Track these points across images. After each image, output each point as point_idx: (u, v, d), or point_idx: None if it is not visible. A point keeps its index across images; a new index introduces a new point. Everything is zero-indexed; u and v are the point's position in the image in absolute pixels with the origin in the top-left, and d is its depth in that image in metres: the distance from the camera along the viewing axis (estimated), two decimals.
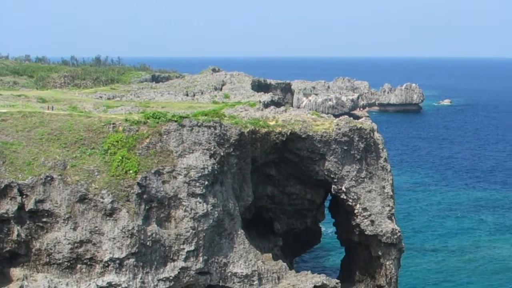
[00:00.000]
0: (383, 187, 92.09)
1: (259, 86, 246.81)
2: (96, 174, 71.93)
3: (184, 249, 74.53)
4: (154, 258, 73.10)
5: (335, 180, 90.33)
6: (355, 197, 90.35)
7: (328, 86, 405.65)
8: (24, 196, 68.76)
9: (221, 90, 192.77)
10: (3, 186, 67.96)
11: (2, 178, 68.32)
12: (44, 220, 69.40)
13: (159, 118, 78.99)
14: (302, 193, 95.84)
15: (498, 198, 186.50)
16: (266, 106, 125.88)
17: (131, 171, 72.82)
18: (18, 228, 68.22)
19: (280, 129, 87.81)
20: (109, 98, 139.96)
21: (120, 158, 73.41)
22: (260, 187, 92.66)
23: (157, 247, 73.09)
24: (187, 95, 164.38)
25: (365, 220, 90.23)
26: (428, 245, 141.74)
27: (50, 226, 69.53)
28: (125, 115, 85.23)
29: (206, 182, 75.78)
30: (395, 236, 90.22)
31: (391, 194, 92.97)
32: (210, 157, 77.14)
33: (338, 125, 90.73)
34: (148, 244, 72.14)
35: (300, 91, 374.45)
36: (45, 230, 69.50)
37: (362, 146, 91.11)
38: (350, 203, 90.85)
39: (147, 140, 76.08)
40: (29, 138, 74.04)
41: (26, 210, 68.62)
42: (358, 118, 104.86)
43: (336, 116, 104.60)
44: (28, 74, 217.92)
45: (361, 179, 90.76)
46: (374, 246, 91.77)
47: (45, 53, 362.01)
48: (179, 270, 74.47)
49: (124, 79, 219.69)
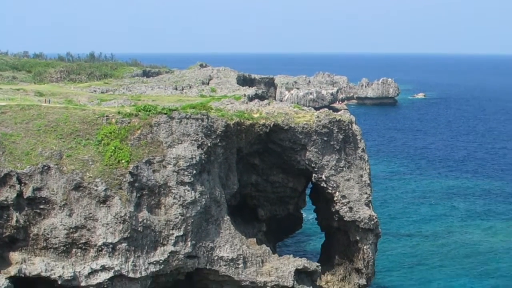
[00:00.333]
0: (361, 176, 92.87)
1: (244, 81, 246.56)
2: (90, 163, 72.39)
3: (173, 234, 74.98)
4: (145, 243, 73.51)
5: (316, 169, 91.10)
6: (335, 185, 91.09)
7: (309, 81, 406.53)
8: (22, 184, 69.19)
9: (208, 84, 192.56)
10: (3, 174, 68.45)
11: (2, 167, 68.77)
12: (41, 207, 69.80)
13: (150, 111, 79.38)
14: (284, 181, 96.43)
15: (469, 186, 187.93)
16: (251, 99, 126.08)
17: (124, 161, 73.28)
18: (17, 214, 68.61)
19: (263, 121, 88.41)
20: (102, 92, 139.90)
21: (113, 148, 73.89)
22: (245, 176, 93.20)
23: (148, 232, 73.51)
24: (176, 89, 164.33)
25: (344, 207, 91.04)
26: (403, 230, 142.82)
27: (47, 213, 69.95)
28: (117, 108, 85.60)
29: (194, 171, 76.29)
30: (372, 222, 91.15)
31: (369, 182, 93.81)
32: (198, 147, 77.62)
33: (318, 117, 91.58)
34: (139, 229, 72.61)
35: (282, 85, 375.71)
36: (42, 216, 69.91)
37: (341, 137, 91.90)
38: (330, 191, 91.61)
39: (139, 131, 76.50)
40: (27, 130, 74.47)
41: (25, 197, 69.07)
42: (337, 110, 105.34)
43: (316, 109, 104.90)
44: (26, 70, 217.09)
45: (340, 168, 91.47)
46: (352, 232, 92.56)
47: (42, 49, 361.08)
48: (169, 254, 74.93)
49: (116, 74, 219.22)
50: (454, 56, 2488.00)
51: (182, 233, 75.44)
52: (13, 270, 67.28)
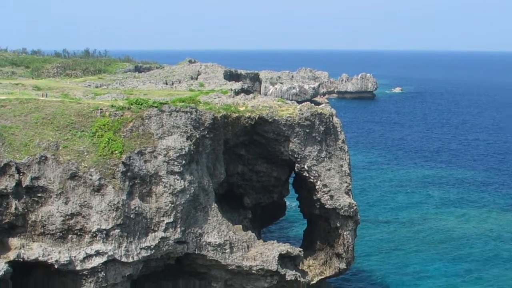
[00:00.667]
0: (341, 166, 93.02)
1: (231, 76, 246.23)
2: (85, 154, 72.55)
3: (163, 221, 75.25)
4: (137, 229, 73.70)
5: (298, 159, 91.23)
6: (316, 174, 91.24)
7: (292, 76, 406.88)
8: (21, 173, 69.23)
9: (196, 79, 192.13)
10: (2, 165, 68.50)
11: (2, 158, 68.81)
12: (39, 195, 69.93)
13: (142, 104, 79.48)
14: (269, 171, 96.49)
15: (443, 176, 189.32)
16: (237, 93, 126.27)
17: (117, 152, 73.51)
18: (16, 202, 68.68)
19: (249, 114, 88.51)
20: (97, 87, 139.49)
21: (106, 140, 74.05)
22: (231, 166, 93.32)
23: (139, 219, 73.77)
24: (166, 84, 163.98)
25: (325, 195, 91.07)
26: (381, 217, 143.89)
27: (44, 201, 70.11)
28: (111, 102, 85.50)
29: (183, 161, 76.63)
30: (352, 209, 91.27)
31: (348, 172, 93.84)
32: (187, 139, 77.93)
33: (301, 110, 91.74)
34: (131, 216, 72.86)
35: (267, 80, 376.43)
36: (40, 204, 70.04)
37: (322, 129, 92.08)
38: (312, 180, 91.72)
39: (131, 124, 76.67)
40: (25, 122, 74.48)
41: (23, 186, 69.14)
42: (318, 104, 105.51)
43: (299, 102, 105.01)
44: (24, 65, 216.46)
45: (321, 159, 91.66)
46: (333, 218, 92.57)
47: (40, 46, 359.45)
48: (159, 240, 75.12)
49: (110, 70, 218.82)
50: (430, 52, 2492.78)
51: (172, 220, 75.69)
52: (12, 255, 67.19)
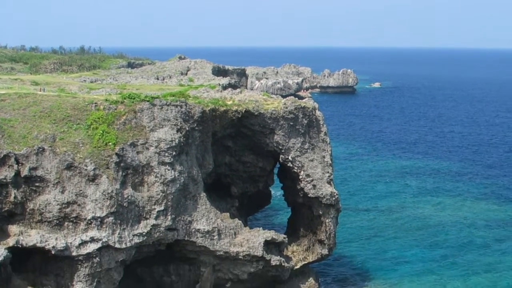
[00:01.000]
0: (323, 157, 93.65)
1: (219, 71, 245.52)
2: (80, 145, 72.80)
3: (155, 209, 75.68)
4: (129, 217, 74.10)
5: (283, 150, 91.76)
6: (300, 165, 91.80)
7: (277, 71, 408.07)
8: (20, 164, 69.44)
9: (186, 74, 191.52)
10: (2, 156, 68.74)
11: (1, 149, 69.07)
12: (36, 184, 70.19)
13: (134, 98, 79.79)
14: (255, 161, 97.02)
15: (420, 166, 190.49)
16: (225, 88, 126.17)
17: (110, 143, 73.78)
18: (15, 191, 68.93)
19: (236, 107, 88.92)
20: (91, 82, 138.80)
21: (101, 132, 74.32)
22: (219, 157, 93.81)
23: (132, 208, 74.17)
24: (158, 79, 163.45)
25: (308, 184, 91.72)
26: (361, 205, 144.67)
27: (41, 190, 70.37)
28: (105, 96, 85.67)
29: (174, 153, 77.06)
30: (334, 198, 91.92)
31: (330, 162, 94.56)
32: (177, 131, 78.34)
33: (285, 104, 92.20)
34: (124, 205, 73.25)
35: (253, 76, 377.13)
36: (37, 193, 70.31)
37: (306, 122, 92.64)
38: (296, 170, 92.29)
39: (124, 117, 76.93)
40: (24, 115, 74.58)
41: (22, 176, 69.37)
42: (302, 98, 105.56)
43: (283, 96, 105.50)
44: (23, 61, 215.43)
45: (304, 150, 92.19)
46: (315, 207, 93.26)
47: (38, 43, 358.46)
48: (151, 227, 75.54)
49: (104, 66, 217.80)
50: (408, 49, 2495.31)
51: (163, 208, 76.11)
52: (11, 241, 67.47)
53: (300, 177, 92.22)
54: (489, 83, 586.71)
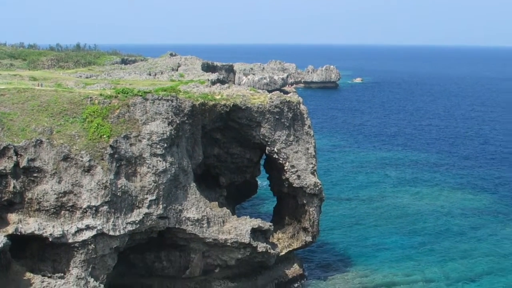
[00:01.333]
0: (307, 149, 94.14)
1: (208, 67, 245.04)
2: (76, 138, 72.95)
3: (147, 198, 76.00)
4: (123, 206, 74.42)
5: (269, 143, 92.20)
6: (285, 156, 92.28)
7: (263, 67, 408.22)
8: (19, 155, 69.60)
9: (177, 70, 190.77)
10: (2, 148, 68.87)
11: (1, 142, 69.20)
12: (35, 175, 70.32)
13: (127, 93, 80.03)
14: (242, 153, 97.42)
15: (399, 157, 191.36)
16: (213, 83, 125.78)
17: (105, 136, 73.99)
18: (14, 181, 69.06)
19: (224, 102, 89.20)
20: (87, 77, 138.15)
21: (96, 125, 74.54)
22: (208, 149, 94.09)
23: (125, 197, 74.50)
24: (150, 75, 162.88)
25: (292, 175, 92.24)
26: (343, 195, 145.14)
27: (39, 180, 70.51)
28: (100, 91, 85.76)
29: (165, 145, 77.37)
30: (317, 188, 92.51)
31: (314, 154, 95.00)
32: (168, 124, 78.62)
33: (271, 98, 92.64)
34: (118, 194, 73.56)
35: (240, 71, 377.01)
36: (35, 183, 70.45)
37: (291, 115, 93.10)
38: (281, 161, 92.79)
39: (118, 110, 77.15)
40: (23, 109, 74.71)
41: (21, 167, 69.50)
42: (287, 93, 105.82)
43: (269, 91, 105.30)
44: (22, 58, 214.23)
45: (289, 142, 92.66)
46: (300, 196, 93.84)
47: (36, 41, 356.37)
48: (143, 215, 75.88)
49: (99, 62, 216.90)
50: (387, 46, 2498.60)
51: (155, 197, 76.42)
52: (10, 229, 67.63)
53: (285, 168, 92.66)
54: (465, 79, 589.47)
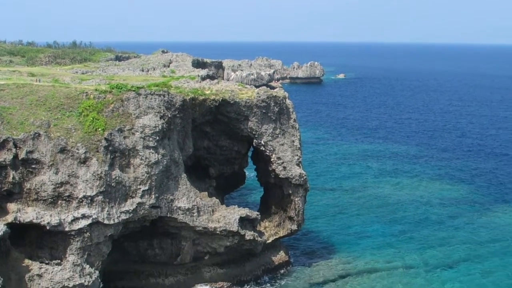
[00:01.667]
0: (293, 141, 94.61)
1: (198, 64, 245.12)
2: (73, 131, 73.34)
3: (140, 188, 76.50)
4: (117, 196, 74.91)
5: (256, 136, 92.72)
6: (271, 148, 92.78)
7: (250, 64, 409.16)
8: (17, 148, 69.92)
9: (168, 67, 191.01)
10: (1, 140, 69.25)
11: (1, 134, 69.56)
12: (33, 166, 70.68)
13: (121, 88, 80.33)
14: (230, 145, 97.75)
15: (380, 150, 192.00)
16: (203, 79, 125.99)
17: (100, 129, 74.39)
18: (13, 172, 69.41)
19: (214, 96, 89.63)
20: (83, 73, 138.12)
21: (91, 119, 74.91)
22: (198, 141, 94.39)
23: (119, 187, 74.97)
24: (143, 71, 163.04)
25: (279, 166, 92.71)
26: (327, 185, 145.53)
27: (37, 171, 70.87)
28: (95, 86, 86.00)
29: (157, 137, 77.81)
30: (302, 178, 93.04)
31: (299, 146, 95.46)
32: (160, 118, 79.03)
33: (258, 93, 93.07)
34: (112, 184, 74.02)
35: (229, 68, 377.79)
36: (34, 174, 70.80)
37: (277, 109, 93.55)
38: (268, 153, 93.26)
39: (112, 105, 77.46)
40: (21, 104, 74.93)
41: (19, 158, 69.84)
42: (273, 88, 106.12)
43: (256, 87, 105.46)
44: (21, 55, 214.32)
45: (276, 135, 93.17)
46: (286, 186, 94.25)
47: (34, 38, 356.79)
48: (137, 205, 76.42)
49: (94, 59, 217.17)
50: (369, 44, 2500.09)
51: (147, 187, 76.85)
52: (10, 218, 67.98)
53: (271, 159, 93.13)
54: (443, 75, 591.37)
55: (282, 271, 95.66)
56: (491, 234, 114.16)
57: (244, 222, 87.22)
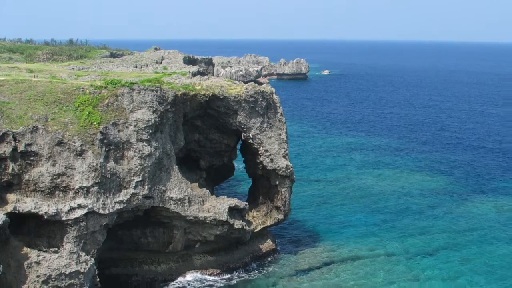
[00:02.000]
0: (280, 134, 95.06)
1: (189, 61, 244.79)
2: (69, 125, 73.52)
3: (134, 180, 76.90)
4: (112, 187, 75.22)
5: (245, 129, 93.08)
6: (259, 141, 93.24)
7: (239, 61, 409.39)
8: (17, 141, 70.08)
9: (161, 63, 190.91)
10: (1, 134, 69.35)
11: (0, 128, 69.66)
12: (31, 158, 70.83)
13: (116, 84, 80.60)
14: (220, 139, 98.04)
15: (363, 143, 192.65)
16: (194, 75, 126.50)
17: (95, 123, 74.69)
18: (13, 164, 69.56)
19: (204, 92, 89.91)
20: (79, 69, 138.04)
21: (87, 113, 75.14)
22: (189, 134, 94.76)
23: (114, 179, 75.29)
24: (136, 67, 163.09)
25: (266, 158, 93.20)
26: (312, 177, 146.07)
27: (36, 163, 71.04)
28: (90, 82, 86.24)
29: (150, 131, 78.23)
30: (288, 170, 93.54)
31: (286, 139, 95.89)
32: (153, 112, 79.42)
33: (246, 89, 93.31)
34: (107, 176, 74.32)
35: (219, 64, 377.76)
36: (32, 166, 70.95)
37: (264, 104, 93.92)
38: (256, 146, 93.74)
39: (107, 100, 77.73)
40: (20, 98, 75.15)
41: (18, 151, 70.02)
42: (261, 84, 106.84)
43: (245, 82, 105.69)
44: (20, 52, 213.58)
45: (263, 129, 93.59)
46: (273, 178, 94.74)
47: (32, 36, 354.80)
48: (130, 195, 76.85)
49: (90, 56, 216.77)
50: (352, 41, 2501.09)
51: (141, 179, 77.27)
52: (9, 208, 68.15)
53: (259, 152, 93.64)
54: (424, 71, 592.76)
55: (270, 259, 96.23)
56: (469, 223, 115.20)
57: (233, 211, 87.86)
